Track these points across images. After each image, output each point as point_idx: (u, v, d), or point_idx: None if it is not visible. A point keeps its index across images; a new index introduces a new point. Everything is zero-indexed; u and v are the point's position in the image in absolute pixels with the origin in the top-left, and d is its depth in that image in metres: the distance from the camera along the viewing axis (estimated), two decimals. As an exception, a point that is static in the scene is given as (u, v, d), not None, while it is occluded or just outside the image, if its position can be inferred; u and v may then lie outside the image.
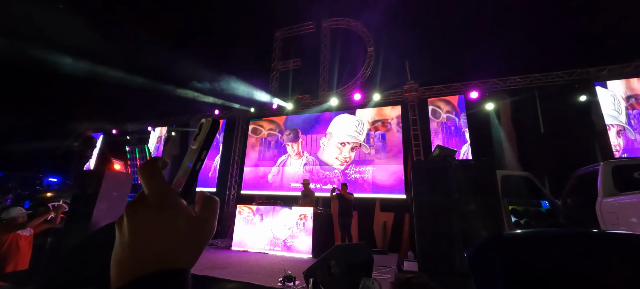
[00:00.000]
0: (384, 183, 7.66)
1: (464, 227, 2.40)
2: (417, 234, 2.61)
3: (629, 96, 6.61)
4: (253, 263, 4.36)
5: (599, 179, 3.46)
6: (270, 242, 5.48)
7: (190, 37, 10.08)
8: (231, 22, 9.57)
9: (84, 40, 9.34)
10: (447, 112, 7.86)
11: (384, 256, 5.83)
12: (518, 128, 7.46)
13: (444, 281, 2.31)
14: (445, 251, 2.36)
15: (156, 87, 10.15)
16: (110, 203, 4.12)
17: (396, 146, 7.92)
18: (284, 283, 2.94)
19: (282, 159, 9.10)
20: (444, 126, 7.77)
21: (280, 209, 5.69)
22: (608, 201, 3.28)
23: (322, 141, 8.79)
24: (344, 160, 8.30)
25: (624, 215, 3.06)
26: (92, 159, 11.44)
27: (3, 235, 2.84)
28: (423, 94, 8.20)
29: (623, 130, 6.43)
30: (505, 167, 7.05)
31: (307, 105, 9.38)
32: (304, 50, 10.14)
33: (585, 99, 6.90)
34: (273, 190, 8.74)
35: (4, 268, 2.69)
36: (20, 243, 2.90)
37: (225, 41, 9.33)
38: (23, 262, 2.87)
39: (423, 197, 2.67)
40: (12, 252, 2.80)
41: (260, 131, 9.85)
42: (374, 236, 7.41)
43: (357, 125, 8.54)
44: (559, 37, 7.66)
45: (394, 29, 8.72)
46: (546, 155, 6.81)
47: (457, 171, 2.63)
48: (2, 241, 2.81)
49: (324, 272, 2.66)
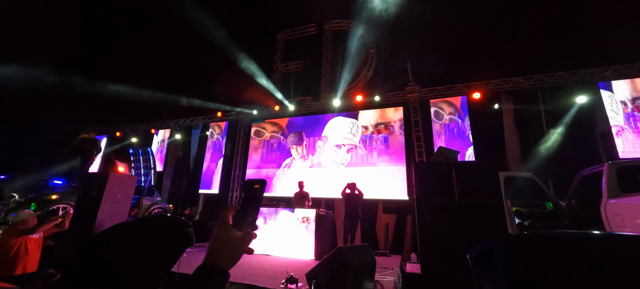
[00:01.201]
0: (387, 185, 7.64)
1: (467, 228, 2.39)
2: (419, 235, 2.60)
3: (635, 98, 6.55)
4: (256, 264, 4.36)
5: (604, 180, 3.43)
6: (273, 244, 5.48)
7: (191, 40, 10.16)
8: (233, 25, 9.62)
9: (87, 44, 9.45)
10: (450, 113, 7.84)
11: (386, 258, 5.80)
12: (521, 129, 7.42)
13: (446, 283, 2.30)
14: (448, 253, 2.35)
15: (159, 91, 10.22)
16: (114, 205, 4.15)
17: (399, 148, 7.91)
18: (287, 285, 2.94)
19: (286, 162, 9.12)
20: (447, 128, 7.74)
21: (283, 211, 5.69)
22: (613, 202, 3.25)
23: (317, 144, 8.81)
24: (340, 162, 8.31)
25: (629, 216, 3.03)
26: (96, 161, 11.54)
27: (13, 238, 2.86)
28: (425, 95, 8.18)
29: (622, 130, 6.39)
30: (508, 168, 7.01)
31: (309, 107, 9.40)
32: (305, 52, 10.17)
33: (588, 100, 6.86)
34: (276, 193, 8.76)
35: (13, 271, 2.71)
36: (29, 246, 2.92)
37: (227, 43, 9.38)
38: (31, 264, 2.90)
39: (425, 199, 2.66)
40: (21, 255, 2.83)
41: (262, 133, 9.87)
42: (377, 238, 7.39)
43: (352, 127, 8.56)
44: (563, 37, 7.61)
45: (395, 31, 8.72)
46: (550, 156, 6.76)
47: (460, 172, 2.62)
48: (11, 244, 2.84)
49: (327, 274, 2.66)
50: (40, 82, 8.79)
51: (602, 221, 3.30)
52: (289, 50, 10.51)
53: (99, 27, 10.64)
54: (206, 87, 10.71)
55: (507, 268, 0.71)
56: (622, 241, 0.66)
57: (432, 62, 8.08)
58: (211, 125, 10.86)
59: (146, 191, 7.35)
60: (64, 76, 9.37)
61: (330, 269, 2.69)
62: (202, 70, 11.20)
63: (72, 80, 9.57)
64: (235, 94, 10.17)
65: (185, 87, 10.78)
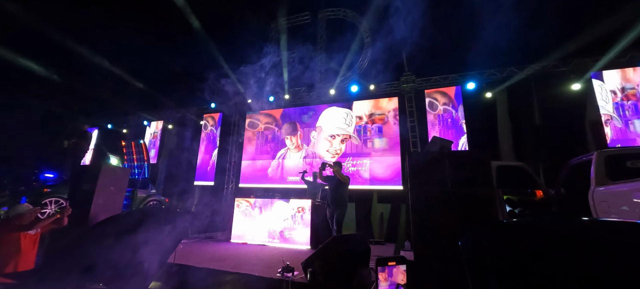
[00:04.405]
0: (381, 175, 7.72)
1: (460, 217, 2.44)
2: (413, 224, 2.65)
3: (624, 87, 6.67)
4: (252, 254, 4.40)
5: (592, 169, 3.51)
6: (269, 234, 5.53)
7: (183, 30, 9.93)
8: (225, 14, 9.41)
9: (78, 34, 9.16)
10: (444, 104, 7.88)
11: (381, 247, 5.91)
12: (514, 119, 7.51)
13: (438, 270, 2.36)
14: (441, 241, 2.40)
15: (151, 82, 10.03)
16: (107, 198, 4.12)
17: (393, 138, 7.95)
18: (283, 274, 2.99)
19: (281, 153, 9.12)
20: (441, 118, 7.79)
21: (278, 201, 5.72)
22: (600, 190, 3.34)
23: (312, 134, 8.81)
24: (335, 152, 8.33)
25: (615, 203, 3.12)
26: (88, 154, 11.36)
27: (6, 233, 2.74)
28: (420, 85, 8.19)
29: (610, 119, 6.53)
30: (501, 157, 7.12)
31: (303, 97, 9.34)
32: (300, 42, 10.03)
33: (580, 88, 6.95)
34: (272, 183, 8.78)
35: (3, 268, 2.58)
36: (23, 243, 2.77)
37: (219, 33, 9.20)
38: (26, 262, 2.74)
39: (419, 188, 2.70)
40: (14, 252, 2.70)
41: (257, 125, 9.81)
42: (372, 227, 7.50)
43: (346, 117, 8.56)
44: (556, 27, 7.63)
45: (390, 20, 8.64)
46: (541, 145, 6.88)
47: (453, 162, 2.66)
48: (9, 239, 2.71)
49: (322, 263, 2.71)
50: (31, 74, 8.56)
51: (590, 209, 3.39)
52: (282, 39, 10.34)
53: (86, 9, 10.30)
54: (198, 78, 10.53)
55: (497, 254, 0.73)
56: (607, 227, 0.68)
57: (427, 52, 8.05)
58: (205, 116, 10.74)
59: (140, 183, 7.29)
60: (57, 65, 9.13)
61: (326, 257, 2.73)
62: (193, 59, 10.98)
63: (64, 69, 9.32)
64: (228, 85, 10.03)
65: (177, 77, 10.59)
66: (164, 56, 10.69)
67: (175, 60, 10.62)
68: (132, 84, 10.11)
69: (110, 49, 10.52)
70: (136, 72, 10.15)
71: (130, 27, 10.56)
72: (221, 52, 9.45)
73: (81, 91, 10.89)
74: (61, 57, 9.42)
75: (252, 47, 9.72)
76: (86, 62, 9.59)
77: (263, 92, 9.62)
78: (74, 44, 9.10)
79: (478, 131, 7.48)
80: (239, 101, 9.98)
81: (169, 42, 11.01)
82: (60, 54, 9.35)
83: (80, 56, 9.49)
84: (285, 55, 9.98)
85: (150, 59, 10.37)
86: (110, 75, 9.95)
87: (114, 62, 9.97)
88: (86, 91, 10.79)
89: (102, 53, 9.89)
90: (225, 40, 9.32)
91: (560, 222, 0.66)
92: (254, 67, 9.68)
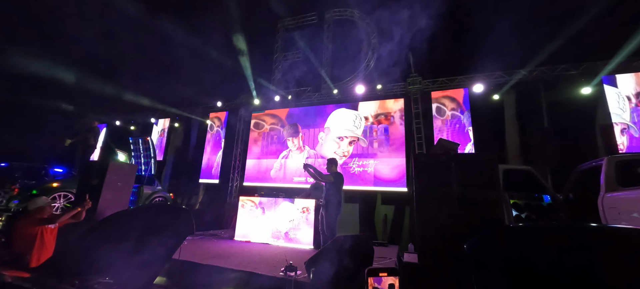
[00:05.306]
0: (386, 176, 7.68)
1: (465, 220, 2.42)
2: (417, 226, 2.63)
3: (639, 92, 6.49)
4: (255, 253, 4.42)
5: (602, 174, 3.44)
6: (273, 234, 5.55)
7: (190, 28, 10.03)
8: (232, 14, 9.46)
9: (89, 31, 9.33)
10: (452, 109, 7.79)
11: (384, 248, 5.87)
12: (522, 122, 7.40)
13: (443, 272, 2.34)
14: (445, 244, 2.38)
15: (159, 80, 10.15)
16: (115, 193, 4.19)
17: (399, 139, 7.90)
18: (286, 272, 2.99)
19: (284, 154, 9.15)
20: (449, 124, 7.71)
21: (282, 201, 5.74)
22: (610, 196, 3.27)
23: (320, 135, 8.80)
24: (342, 154, 8.31)
25: (626, 210, 3.06)
26: (96, 149, 11.56)
27: (30, 227, 2.74)
28: (426, 86, 8.13)
29: (627, 128, 6.34)
30: (508, 161, 7.02)
31: (309, 97, 9.35)
32: (306, 42, 10.04)
33: (590, 92, 6.80)
34: (275, 183, 8.80)
35: (29, 262, 2.60)
36: (46, 236, 2.79)
37: (226, 32, 9.26)
38: (47, 255, 2.76)
39: (424, 190, 2.68)
40: (38, 245, 2.72)
41: (262, 126, 9.85)
42: (375, 228, 7.47)
43: (355, 119, 8.53)
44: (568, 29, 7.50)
45: (397, 21, 8.59)
46: (550, 149, 6.77)
47: (459, 164, 2.63)
48: (28, 232, 2.71)
49: (325, 263, 2.70)
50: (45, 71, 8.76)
51: (599, 215, 3.33)
52: (289, 39, 10.37)
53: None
54: (205, 78, 10.63)
55: (503, 259, 0.72)
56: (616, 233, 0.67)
57: (434, 54, 7.98)
58: (211, 116, 10.82)
59: (146, 180, 7.38)
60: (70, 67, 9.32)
61: (329, 258, 2.73)
62: (201, 59, 11.08)
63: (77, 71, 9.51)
64: (235, 85, 10.10)
65: (183, 77, 10.70)
66: (171, 54, 10.81)
67: (182, 59, 10.72)
68: (141, 81, 10.24)
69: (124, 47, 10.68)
70: (144, 69, 10.29)
71: (138, 25, 10.68)
72: (226, 50, 9.53)
73: (91, 89, 11.08)
74: (74, 57, 9.60)
75: (257, 46, 9.78)
76: (99, 60, 9.76)
77: (269, 92, 9.67)
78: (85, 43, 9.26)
79: (485, 133, 7.39)
80: (245, 100, 10.04)
81: (176, 39, 11.11)
82: (73, 54, 9.53)
83: (94, 54, 9.65)
84: (291, 56, 10.01)
85: (158, 56, 10.49)
86: (121, 71, 10.10)
87: (124, 60, 10.12)
88: (97, 89, 10.98)
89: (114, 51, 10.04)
90: (230, 39, 9.37)
91: (569, 227, 0.65)
92: (260, 66, 9.73)
